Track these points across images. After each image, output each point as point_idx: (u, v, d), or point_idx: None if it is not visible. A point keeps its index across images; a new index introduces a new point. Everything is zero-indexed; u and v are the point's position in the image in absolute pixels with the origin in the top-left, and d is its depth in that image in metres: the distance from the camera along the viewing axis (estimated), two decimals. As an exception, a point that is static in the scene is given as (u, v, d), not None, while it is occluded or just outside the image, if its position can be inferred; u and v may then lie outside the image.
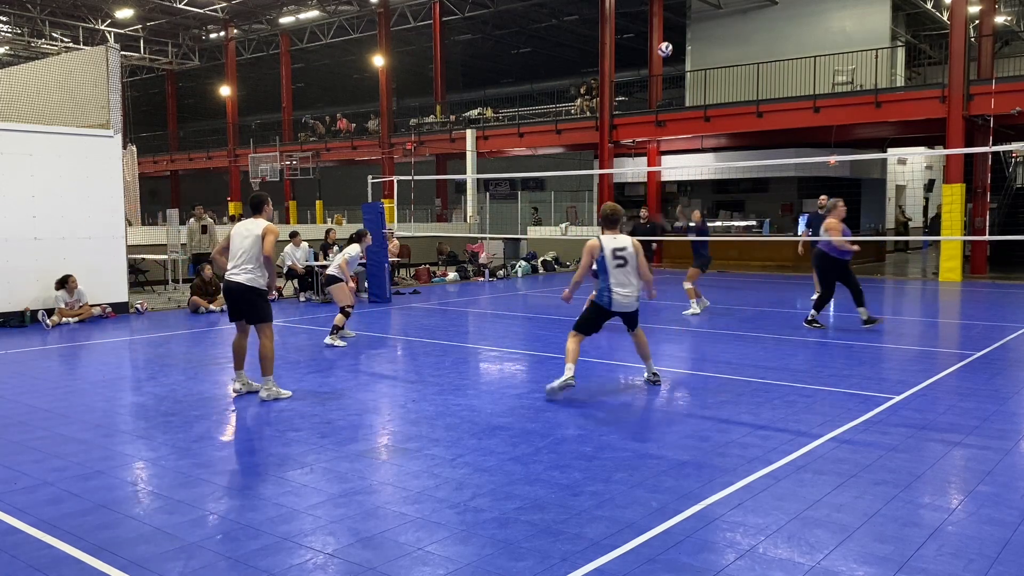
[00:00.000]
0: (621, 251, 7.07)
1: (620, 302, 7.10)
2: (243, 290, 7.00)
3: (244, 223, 7.24)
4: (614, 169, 25.02)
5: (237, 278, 7.00)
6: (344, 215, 32.02)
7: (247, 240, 7.03)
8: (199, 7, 33.34)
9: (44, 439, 5.87)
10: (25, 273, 11.91)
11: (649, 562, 3.76)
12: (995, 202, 24.30)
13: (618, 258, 7.05)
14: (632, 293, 7.13)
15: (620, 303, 7.11)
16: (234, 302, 7.15)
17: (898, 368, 8.60)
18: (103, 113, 13.08)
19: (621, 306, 7.13)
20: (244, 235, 7.07)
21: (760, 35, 26.32)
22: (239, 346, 7.25)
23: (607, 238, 7.13)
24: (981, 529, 4.13)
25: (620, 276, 7.06)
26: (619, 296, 7.08)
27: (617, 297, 7.08)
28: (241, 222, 7.32)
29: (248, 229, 7.09)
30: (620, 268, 7.05)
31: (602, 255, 7.06)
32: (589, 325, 7.33)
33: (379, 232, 15.00)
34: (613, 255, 7.04)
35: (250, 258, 6.99)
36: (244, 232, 7.10)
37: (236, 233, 7.16)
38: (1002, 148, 18.91)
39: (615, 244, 7.08)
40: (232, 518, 4.34)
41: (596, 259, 7.10)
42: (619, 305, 7.11)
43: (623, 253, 7.07)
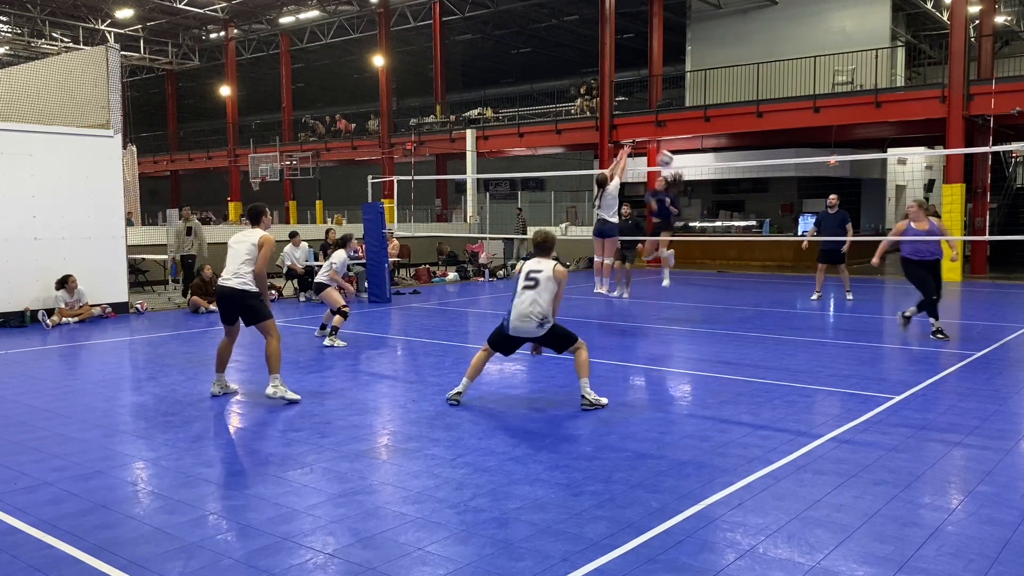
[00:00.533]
0: (536, 273, 6.68)
1: (517, 326, 6.65)
2: (237, 295, 6.93)
3: (241, 232, 7.20)
4: (614, 169, 24.98)
5: (230, 283, 6.94)
6: (344, 215, 32.02)
7: (242, 247, 6.98)
8: (199, 7, 33.35)
9: (44, 439, 5.87)
10: (25, 273, 11.91)
11: (649, 562, 3.76)
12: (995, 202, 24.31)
13: (529, 279, 6.68)
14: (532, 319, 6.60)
15: (516, 327, 6.66)
16: (229, 307, 7.07)
17: (898, 368, 8.60)
18: (103, 113, 13.09)
19: (518, 331, 6.67)
20: (239, 242, 7.04)
21: (760, 35, 26.33)
22: (224, 350, 7.20)
23: (532, 262, 6.84)
24: (981, 529, 4.13)
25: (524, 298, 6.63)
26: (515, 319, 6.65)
27: (513, 320, 6.67)
28: (239, 232, 7.27)
29: (244, 236, 7.06)
30: (528, 290, 6.64)
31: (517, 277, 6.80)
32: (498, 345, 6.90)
33: (379, 232, 15.00)
34: (526, 276, 6.70)
35: (244, 264, 6.93)
36: (240, 239, 7.06)
37: (232, 241, 7.14)
38: (1002, 148, 18.91)
39: (533, 267, 6.76)
40: (232, 518, 4.34)
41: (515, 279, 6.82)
42: (516, 330, 6.67)
43: (537, 275, 6.66)
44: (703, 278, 20.13)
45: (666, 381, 7.86)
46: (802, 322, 12.07)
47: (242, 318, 7.07)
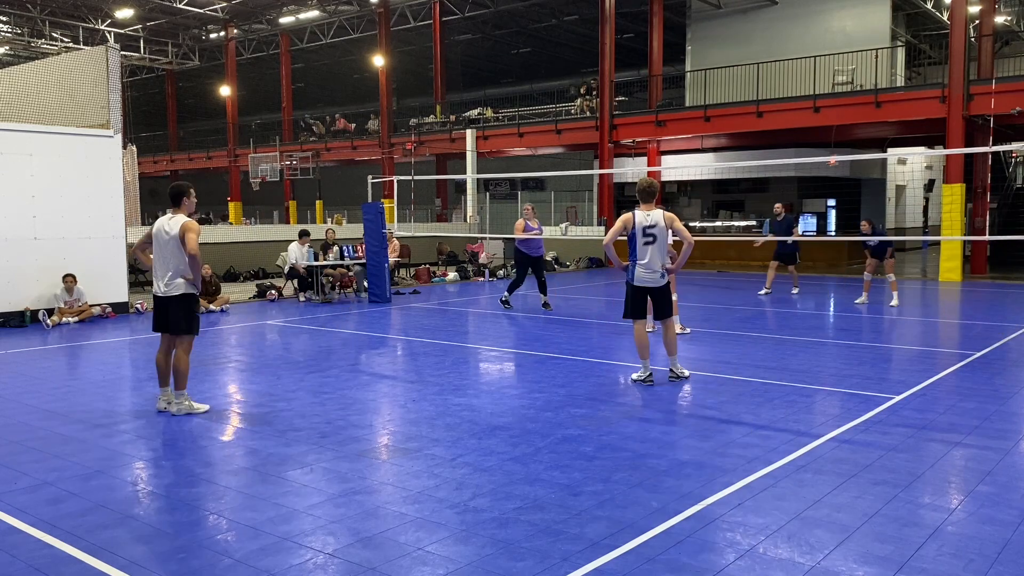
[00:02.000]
0: (651, 228, 7.36)
1: (643, 277, 7.39)
2: (173, 301, 6.52)
3: (163, 220, 6.61)
4: (614, 169, 25.02)
5: (167, 293, 6.51)
6: (344, 215, 32.02)
7: (168, 244, 6.49)
8: (199, 7, 33.35)
9: (44, 439, 5.87)
10: (25, 273, 11.91)
11: (649, 562, 3.76)
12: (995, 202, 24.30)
13: (647, 235, 7.35)
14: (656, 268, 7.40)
15: (643, 278, 7.39)
16: (164, 313, 6.61)
17: (898, 368, 8.60)
18: (103, 113, 13.09)
19: (644, 280, 7.40)
20: (164, 237, 6.50)
21: (760, 35, 26.33)
22: (163, 362, 6.69)
23: (640, 214, 7.43)
24: (981, 529, 4.13)
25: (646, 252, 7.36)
26: (642, 271, 7.38)
27: (640, 272, 7.38)
28: (161, 218, 6.68)
29: (167, 230, 6.50)
30: (649, 246, 7.36)
31: (634, 231, 7.36)
32: (632, 309, 7.60)
33: (379, 232, 15.00)
34: (643, 233, 7.35)
35: (171, 264, 6.49)
36: (163, 233, 6.52)
37: (156, 233, 6.59)
38: (1002, 148, 18.89)
39: (647, 222, 7.39)
40: (232, 518, 4.34)
41: (628, 233, 7.39)
42: (642, 280, 7.40)
43: (652, 231, 7.36)
44: (703, 278, 20.13)
45: (666, 381, 7.86)
46: (802, 322, 12.07)
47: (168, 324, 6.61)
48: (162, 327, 6.69)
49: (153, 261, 6.67)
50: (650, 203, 7.50)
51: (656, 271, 7.41)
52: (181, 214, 6.59)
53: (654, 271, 7.40)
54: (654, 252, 7.38)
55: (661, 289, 7.53)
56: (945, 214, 19.08)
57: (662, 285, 7.51)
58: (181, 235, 6.42)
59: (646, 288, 7.49)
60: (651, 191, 7.51)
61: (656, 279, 7.43)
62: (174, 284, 6.53)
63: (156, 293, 6.66)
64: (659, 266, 7.42)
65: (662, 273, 7.45)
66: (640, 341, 7.58)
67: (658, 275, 7.43)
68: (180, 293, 6.53)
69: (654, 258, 7.39)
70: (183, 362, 6.59)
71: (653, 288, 7.50)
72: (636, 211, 7.50)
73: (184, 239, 6.41)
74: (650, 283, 7.45)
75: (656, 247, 7.38)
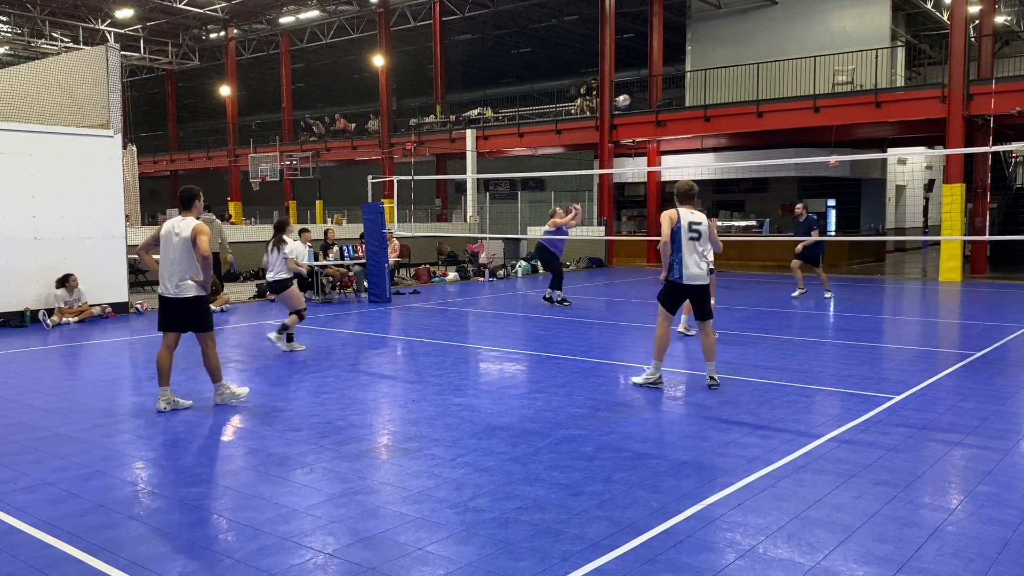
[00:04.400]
0: (697, 225, 7.29)
1: (691, 274, 7.25)
2: (187, 303, 6.64)
3: (172, 222, 6.71)
4: (614, 169, 25.02)
5: (179, 294, 6.59)
6: (344, 215, 32.01)
7: (179, 247, 6.57)
8: (199, 7, 33.34)
9: (44, 439, 5.86)
10: (25, 273, 11.91)
11: (649, 562, 3.76)
12: (995, 202, 24.30)
13: (693, 231, 7.26)
14: (703, 265, 7.31)
15: (691, 275, 7.26)
16: (173, 314, 6.70)
17: (898, 368, 8.60)
18: (103, 113, 13.08)
19: (692, 278, 7.25)
20: (174, 240, 6.60)
21: (760, 35, 26.33)
22: (165, 360, 6.71)
23: (684, 211, 7.33)
24: (981, 529, 4.13)
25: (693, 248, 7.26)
26: (688, 268, 7.25)
27: (687, 270, 7.25)
28: (170, 220, 6.79)
29: (177, 232, 6.59)
30: (693, 241, 7.26)
31: (679, 226, 7.24)
32: (669, 302, 7.48)
33: (379, 232, 15.00)
34: (689, 228, 7.26)
35: (184, 266, 6.57)
36: (173, 235, 6.61)
37: (165, 235, 6.68)
38: (1002, 148, 18.88)
39: (692, 218, 7.30)
40: (232, 518, 4.34)
41: (673, 228, 7.27)
42: (690, 278, 7.24)
43: (698, 227, 7.29)
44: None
45: (666, 381, 7.86)
46: (802, 322, 12.07)
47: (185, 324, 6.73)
48: (169, 326, 6.75)
49: (160, 263, 6.73)
50: (690, 205, 7.40)
51: (703, 267, 7.31)
52: (191, 217, 6.69)
53: (700, 267, 7.28)
54: (700, 248, 7.29)
55: (704, 288, 7.38)
56: (945, 214, 19.08)
57: (706, 283, 7.39)
58: (193, 237, 6.51)
59: (690, 287, 7.30)
60: (691, 193, 7.41)
61: (703, 276, 7.30)
62: (184, 286, 6.61)
63: (163, 294, 6.70)
64: (706, 264, 7.36)
65: (710, 269, 7.42)
66: (661, 339, 7.38)
67: (705, 271, 7.33)
68: (191, 295, 6.63)
69: (701, 256, 7.30)
70: (212, 358, 6.82)
71: (697, 286, 7.31)
72: (678, 209, 7.37)
73: (196, 242, 6.50)
74: (697, 280, 7.27)
75: (701, 243, 7.30)
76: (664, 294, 7.50)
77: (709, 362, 7.46)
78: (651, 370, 7.46)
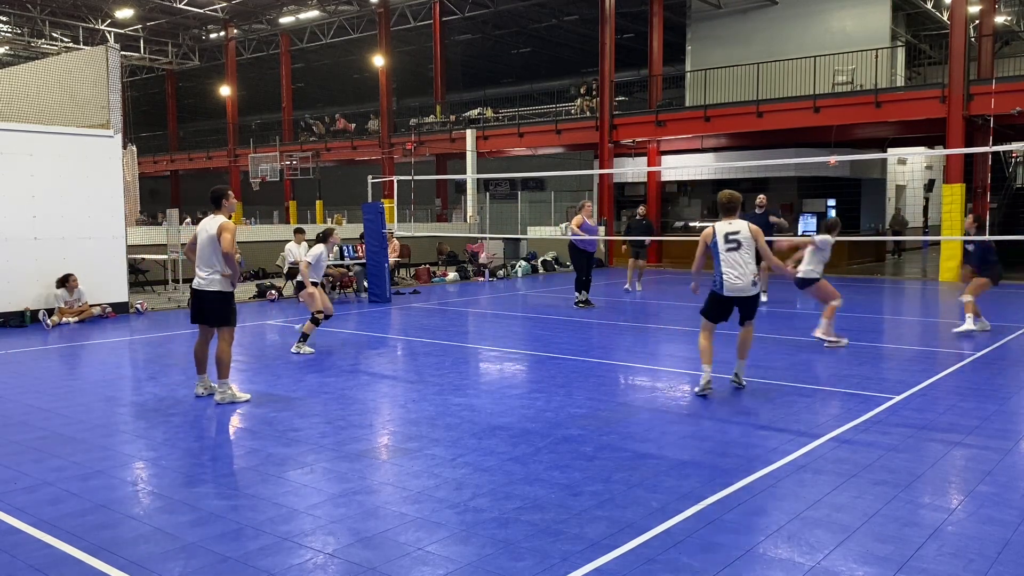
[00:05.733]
0: (734, 235, 7.07)
1: (733, 286, 7.04)
2: (210, 296, 6.98)
3: (205, 220, 7.14)
4: (614, 169, 25.02)
5: (205, 287, 6.96)
6: (344, 215, 32.01)
7: (205, 242, 6.97)
8: (199, 7, 33.34)
9: (44, 439, 5.87)
10: (25, 273, 11.91)
11: (649, 562, 3.76)
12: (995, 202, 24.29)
13: (730, 242, 7.06)
14: (747, 276, 7.03)
15: (733, 287, 7.04)
16: (201, 306, 7.09)
17: (898, 368, 8.60)
18: (103, 113, 13.08)
19: (735, 290, 7.04)
20: (203, 236, 7.00)
21: (760, 35, 26.32)
22: (200, 351, 7.21)
23: (721, 224, 7.18)
24: (981, 529, 4.13)
25: (732, 259, 7.05)
26: (729, 280, 7.03)
27: (728, 282, 7.04)
28: (205, 219, 7.23)
29: (206, 228, 7.01)
30: (732, 252, 7.05)
31: (714, 240, 7.10)
32: (712, 313, 7.29)
33: (379, 232, 15.00)
34: (725, 239, 7.07)
35: (211, 261, 6.94)
36: (203, 231, 7.03)
37: (198, 232, 7.12)
38: (1002, 148, 18.89)
39: (728, 228, 7.11)
40: (232, 518, 4.34)
41: (709, 245, 7.15)
42: (732, 289, 7.04)
43: (736, 236, 7.07)
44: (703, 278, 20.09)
45: (666, 381, 7.86)
46: (802, 322, 12.06)
47: (206, 317, 7.08)
48: (199, 319, 7.15)
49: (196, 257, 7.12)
50: (732, 216, 7.21)
51: (746, 278, 7.02)
52: (221, 215, 7.04)
53: (743, 278, 7.01)
54: (740, 258, 7.01)
55: (751, 298, 7.17)
56: (945, 214, 19.07)
57: (752, 295, 7.14)
58: (218, 234, 6.87)
59: (734, 298, 7.10)
60: (732, 205, 7.24)
61: (747, 287, 7.04)
62: (211, 279, 6.97)
63: (194, 286, 7.11)
64: (750, 273, 7.03)
65: (753, 281, 7.08)
66: (702, 345, 7.25)
67: (749, 283, 7.03)
68: (216, 289, 6.97)
69: (742, 264, 7.01)
70: (225, 353, 6.98)
71: (741, 298, 7.12)
72: (716, 223, 7.23)
73: (220, 238, 6.85)
74: (739, 292, 7.05)
75: (741, 254, 7.01)
76: (706, 305, 7.31)
77: (740, 360, 7.38)
78: (704, 376, 7.22)
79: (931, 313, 13.96)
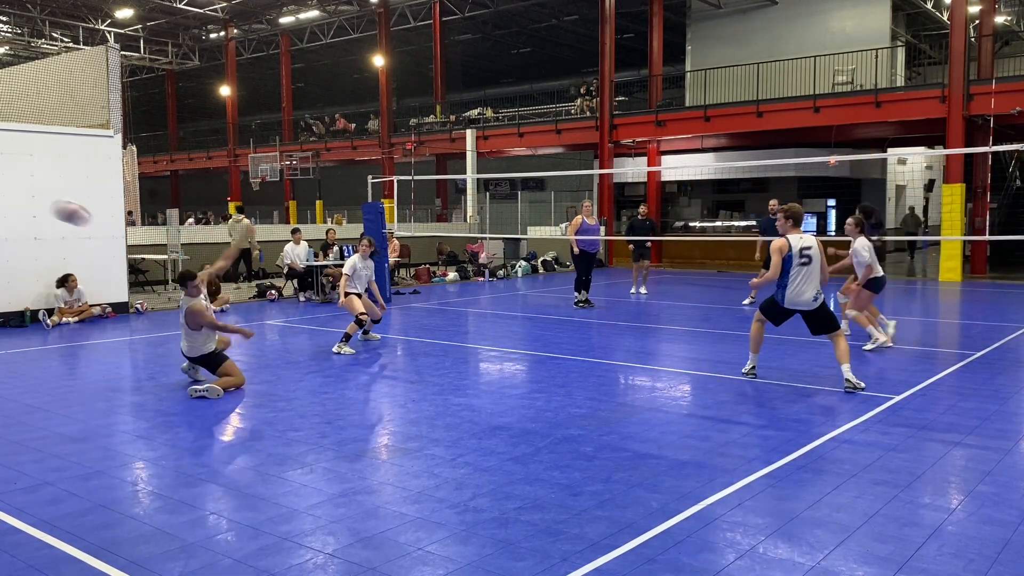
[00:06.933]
0: (807, 250, 7.29)
1: (794, 299, 7.33)
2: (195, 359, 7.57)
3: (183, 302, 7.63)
4: (614, 169, 25.02)
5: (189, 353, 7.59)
6: (344, 215, 32.01)
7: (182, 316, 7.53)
8: (199, 7, 33.34)
9: (44, 439, 5.87)
10: (25, 273, 11.91)
11: (649, 562, 3.76)
12: (995, 202, 24.29)
13: (803, 257, 7.28)
14: (809, 291, 7.28)
15: (793, 300, 7.33)
16: None
17: (898, 368, 8.60)
18: (103, 113, 13.08)
19: (795, 303, 7.33)
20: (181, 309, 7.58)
21: (760, 35, 26.32)
22: None
23: (795, 237, 7.34)
24: (981, 529, 4.13)
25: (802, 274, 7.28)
26: (792, 294, 7.31)
27: (791, 294, 7.31)
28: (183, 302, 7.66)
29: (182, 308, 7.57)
30: (804, 266, 7.28)
31: (790, 254, 7.28)
32: (770, 314, 7.61)
33: (379, 232, 15.00)
34: (800, 254, 7.28)
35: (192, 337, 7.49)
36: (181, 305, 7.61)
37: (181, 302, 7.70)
38: (1002, 148, 18.88)
39: (802, 244, 7.30)
40: (232, 518, 4.34)
41: (785, 257, 7.30)
42: (792, 303, 7.33)
43: (809, 252, 7.30)
44: (703, 278, 20.14)
45: (666, 381, 7.86)
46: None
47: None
48: None
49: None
50: (800, 228, 7.43)
51: (808, 294, 7.25)
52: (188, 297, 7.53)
53: (804, 294, 7.25)
54: (808, 275, 7.24)
55: (816, 312, 7.35)
56: (945, 214, 19.07)
57: (815, 308, 7.33)
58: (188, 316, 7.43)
59: (792, 310, 7.42)
60: (801, 217, 7.49)
61: (808, 302, 7.28)
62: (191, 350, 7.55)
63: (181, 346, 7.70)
64: (813, 290, 7.26)
65: (815, 296, 7.28)
66: (753, 335, 7.78)
67: (811, 298, 7.27)
68: (197, 355, 7.52)
69: (808, 281, 7.24)
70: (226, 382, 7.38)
71: (804, 311, 7.38)
72: (789, 236, 7.34)
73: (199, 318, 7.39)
74: (800, 307, 7.34)
75: (811, 270, 7.24)
76: (767, 305, 7.62)
77: (844, 365, 7.35)
78: (750, 363, 7.86)
79: (931, 313, 13.96)
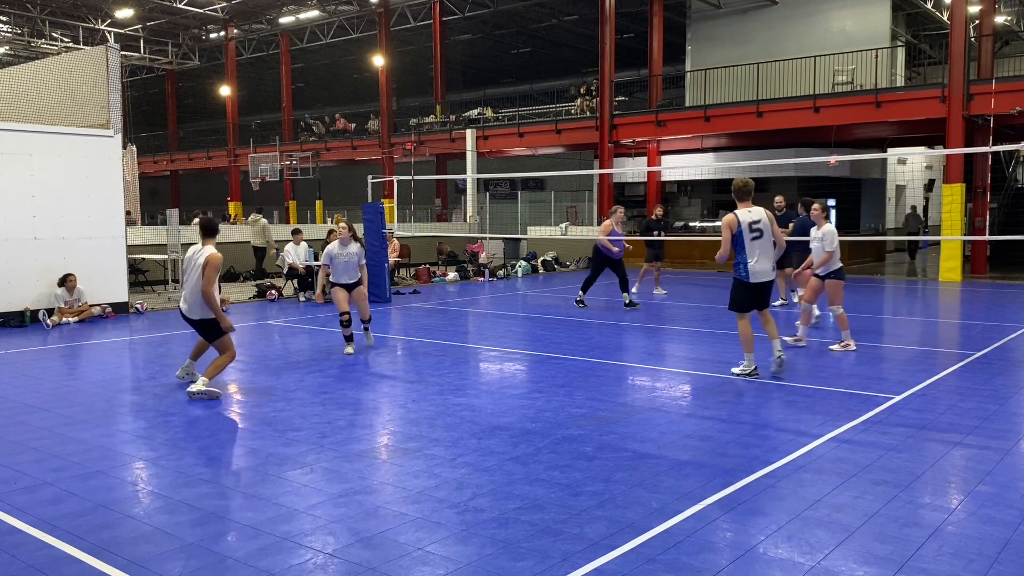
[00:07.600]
0: (756, 223, 7.48)
1: (758, 273, 7.52)
2: (194, 321, 7.26)
3: (193, 249, 7.30)
4: (614, 169, 25.02)
5: (187, 313, 7.23)
6: (344, 215, 32.00)
7: (192, 273, 7.15)
8: (199, 7, 33.33)
9: (44, 439, 5.87)
10: (25, 273, 11.91)
11: (649, 562, 3.76)
12: (995, 202, 24.29)
13: (754, 231, 7.46)
14: (768, 262, 7.59)
15: (757, 273, 7.52)
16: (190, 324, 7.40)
17: (898, 368, 8.60)
18: (103, 113, 13.08)
19: (759, 276, 7.55)
20: (190, 264, 7.21)
21: (760, 35, 26.32)
22: (202, 346, 7.65)
23: (742, 212, 7.51)
24: (981, 529, 4.13)
25: (756, 247, 7.48)
26: (755, 266, 7.50)
27: (754, 268, 7.50)
28: (193, 246, 7.37)
29: (194, 259, 7.18)
30: (756, 240, 7.46)
31: (739, 230, 7.45)
32: (743, 302, 7.75)
33: (379, 232, 15.01)
34: (750, 228, 7.46)
35: (194, 292, 7.13)
36: (190, 260, 7.22)
37: (186, 258, 7.32)
38: (1002, 148, 18.90)
39: (750, 217, 7.47)
40: (232, 518, 4.34)
41: (735, 233, 7.47)
42: (757, 275, 7.53)
43: (758, 225, 7.48)
44: (703, 278, 20.13)
45: (666, 381, 7.86)
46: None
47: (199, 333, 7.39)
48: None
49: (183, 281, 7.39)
50: (747, 201, 7.62)
51: (769, 263, 7.58)
52: (209, 245, 7.18)
53: (764, 264, 7.56)
54: (763, 247, 7.52)
55: (769, 283, 7.74)
56: (945, 214, 19.07)
57: (771, 279, 7.71)
58: (203, 266, 7.03)
59: (760, 283, 7.62)
60: (747, 190, 7.65)
61: (768, 272, 7.61)
62: (191, 308, 7.19)
63: (180, 307, 7.35)
64: (770, 260, 7.59)
65: (772, 267, 7.65)
66: (744, 334, 7.77)
67: (770, 268, 7.62)
68: (197, 317, 7.19)
69: (764, 253, 7.54)
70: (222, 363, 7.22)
71: (765, 283, 7.65)
72: (736, 211, 7.57)
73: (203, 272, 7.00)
74: (764, 277, 7.60)
75: (763, 242, 7.52)
76: (734, 298, 7.76)
77: (774, 340, 7.84)
78: (746, 363, 7.82)
79: (931, 313, 13.96)
